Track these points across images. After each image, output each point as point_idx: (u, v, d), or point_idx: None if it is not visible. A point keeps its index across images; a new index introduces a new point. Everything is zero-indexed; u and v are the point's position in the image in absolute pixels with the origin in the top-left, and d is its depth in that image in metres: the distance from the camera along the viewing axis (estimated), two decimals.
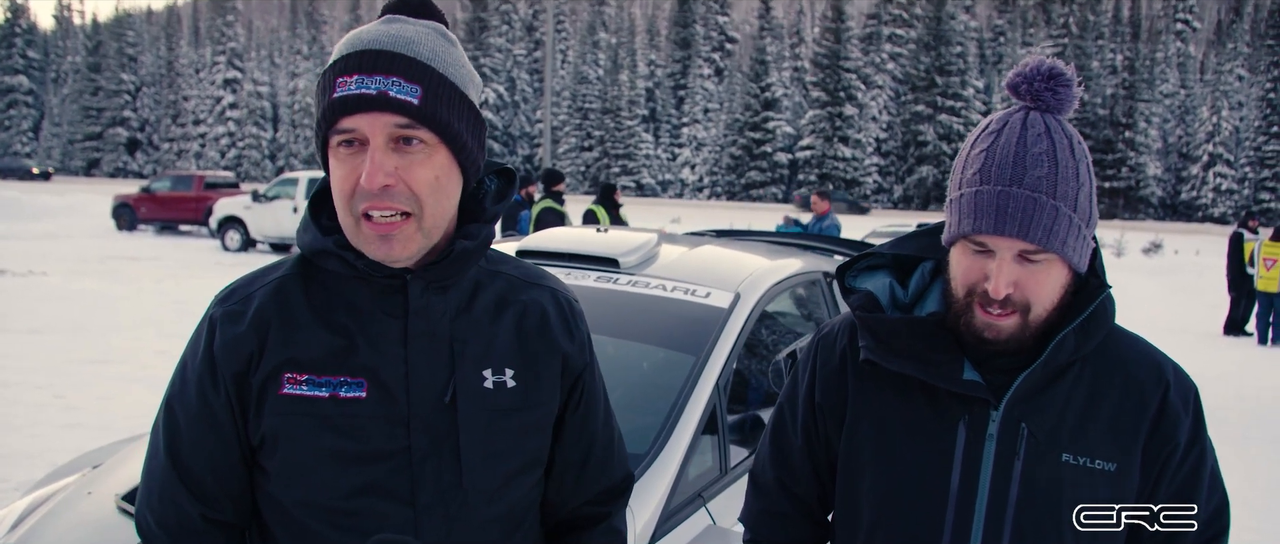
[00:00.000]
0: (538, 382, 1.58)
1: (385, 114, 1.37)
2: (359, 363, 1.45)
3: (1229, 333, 15.92)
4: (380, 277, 1.47)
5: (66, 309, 12.93)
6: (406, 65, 1.39)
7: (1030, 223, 1.43)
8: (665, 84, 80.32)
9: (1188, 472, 1.61)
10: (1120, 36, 73.81)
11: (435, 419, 1.47)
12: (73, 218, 31.19)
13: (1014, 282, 1.47)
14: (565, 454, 1.68)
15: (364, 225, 1.40)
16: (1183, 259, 30.39)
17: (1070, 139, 1.48)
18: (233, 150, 77.03)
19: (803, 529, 1.84)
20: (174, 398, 1.51)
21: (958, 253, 1.54)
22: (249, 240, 23.75)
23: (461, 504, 1.48)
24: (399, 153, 1.39)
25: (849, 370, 1.70)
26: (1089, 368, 1.60)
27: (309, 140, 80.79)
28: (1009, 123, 1.49)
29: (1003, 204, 1.43)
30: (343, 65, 1.39)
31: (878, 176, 69.52)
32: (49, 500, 2.98)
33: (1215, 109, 66.01)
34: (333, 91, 1.38)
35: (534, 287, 1.65)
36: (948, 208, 1.56)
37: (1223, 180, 65.30)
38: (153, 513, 1.49)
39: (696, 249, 3.97)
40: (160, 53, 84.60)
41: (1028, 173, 1.44)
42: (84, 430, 6.87)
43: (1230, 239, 16.74)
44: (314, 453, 1.43)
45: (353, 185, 1.39)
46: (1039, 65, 1.50)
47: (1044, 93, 1.49)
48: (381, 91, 1.37)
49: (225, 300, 1.51)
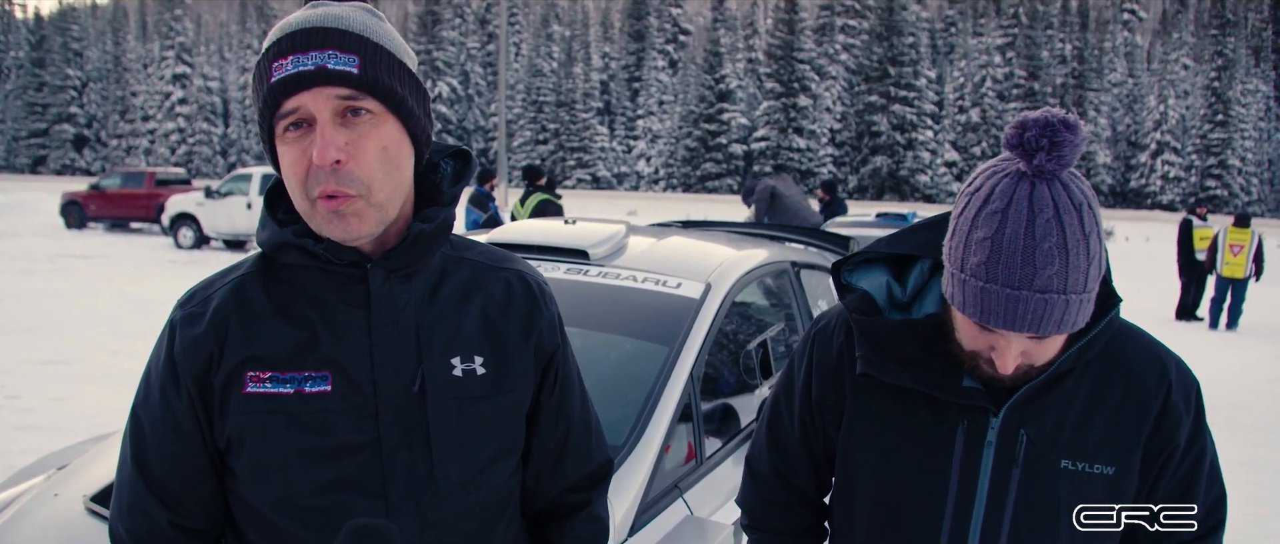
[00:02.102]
0: (508, 367, 1.56)
1: (326, 87, 1.35)
2: (323, 356, 1.43)
3: (1181, 318, 16.20)
4: (341, 264, 1.44)
5: (16, 309, 12.69)
6: (340, 37, 1.37)
7: (1041, 321, 1.37)
8: (619, 77, 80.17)
9: (1188, 469, 1.62)
10: (1069, 26, 74.58)
11: (404, 410, 1.45)
12: (19, 216, 30.63)
13: (1022, 352, 1.45)
14: (542, 440, 1.66)
15: (319, 205, 1.37)
16: (1134, 246, 30.85)
17: (1079, 210, 1.36)
18: (183, 146, 75.84)
19: (800, 516, 1.85)
20: (139, 406, 1.49)
21: (963, 318, 1.48)
22: (202, 237, 23.45)
23: (434, 495, 1.47)
24: (347, 126, 1.37)
25: (846, 370, 1.69)
26: (1090, 371, 1.59)
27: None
28: (1013, 203, 1.36)
29: (1012, 307, 1.37)
30: (275, 50, 1.37)
31: (833, 167, 69.78)
32: (14, 503, 2.93)
33: (1162, 98, 67.00)
34: (269, 77, 1.36)
35: (500, 270, 1.63)
36: (948, 275, 1.47)
37: (1170, 168, 66.34)
38: (123, 522, 1.48)
39: (665, 240, 3.97)
40: (107, 48, 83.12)
41: (1038, 274, 1.35)
42: (38, 431, 6.76)
43: (1180, 226, 17.04)
44: (281, 450, 1.41)
45: (305, 167, 1.37)
46: (1045, 119, 1.37)
47: (1044, 158, 1.36)
48: (319, 66, 1.35)
49: (185, 303, 1.50)
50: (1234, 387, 10.28)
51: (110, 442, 3.14)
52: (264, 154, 1.48)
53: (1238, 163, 65.51)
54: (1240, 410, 9.22)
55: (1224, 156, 65.33)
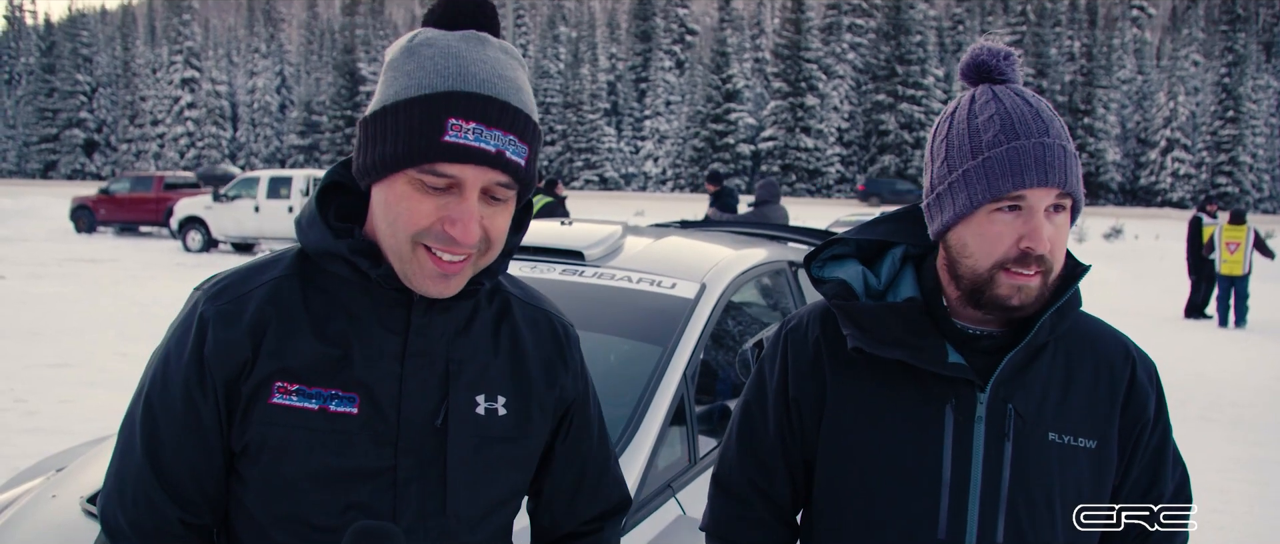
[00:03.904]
0: (529, 412, 1.54)
1: (494, 171, 1.32)
2: (353, 377, 1.40)
3: (1190, 316, 16.17)
4: (389, 288, 1.41)
5: (25, 313, 12.76)
6: (523, 123, 1.34)
7: (1066, 170, 1.47)
8: (627, 77, 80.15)
9: (1156, 446, 1.65)
10: (1078, 24, 74.32)
11: (424, 441, 1.43)
12: (30, 221, 30.77)
13: (1048, 236, 1.48)
14: (556, 480, 1.65)
15: (423, 257, 1.35)
16: (1143, 244, 30.73)
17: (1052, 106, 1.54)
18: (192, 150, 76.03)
19: (776, 531, 1.79)
20: (153, 396, 1.41)
21: (978, 224, 1.51)
22: (211, 240, 23.55)
23: (442, 530, 1.45)
24: (485, 203, 1.35)
25: (825, 361, 1.68)
26: (1062, 348, 1.62)
27: (269, 139, 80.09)
28: (998, 93, 1.52)
29: (1041, 155, 1.46)
30: (462, 108, 1.31)
31: (840, 166, 69.72)
32: (12, 505, 2.95)
33: (1172, 95, 66.66)
34: (443, 132, 1.30)
35: (532, 309, 1.62)
36: (952, 187, 1.54)
37: (1181, 165, 65.98)
38: (126, 514, 1.41)
39: (661, 240, 3.97)
40: (116, 53, 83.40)
41: (1050, 125, 1.48)
42: (44, 434, 6.79)
43: (1189, 224, 16.97)
44: (296, 466, 1.38)
45: (431, 223, 1.33)
46: (994, 47, 1.56)
47: (1007, 69, 1.55)
48: (500, 151, 1.32)
49: (216, 297, 1.42)
50: (1241, 385, 10.26)
51: (107, 444, 3.15)
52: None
53: (1249, 160, 65.10)
54: (1244, 408, 9.20)
55: (1235, 153, 64.93)
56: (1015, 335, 1.57)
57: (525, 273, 3.36)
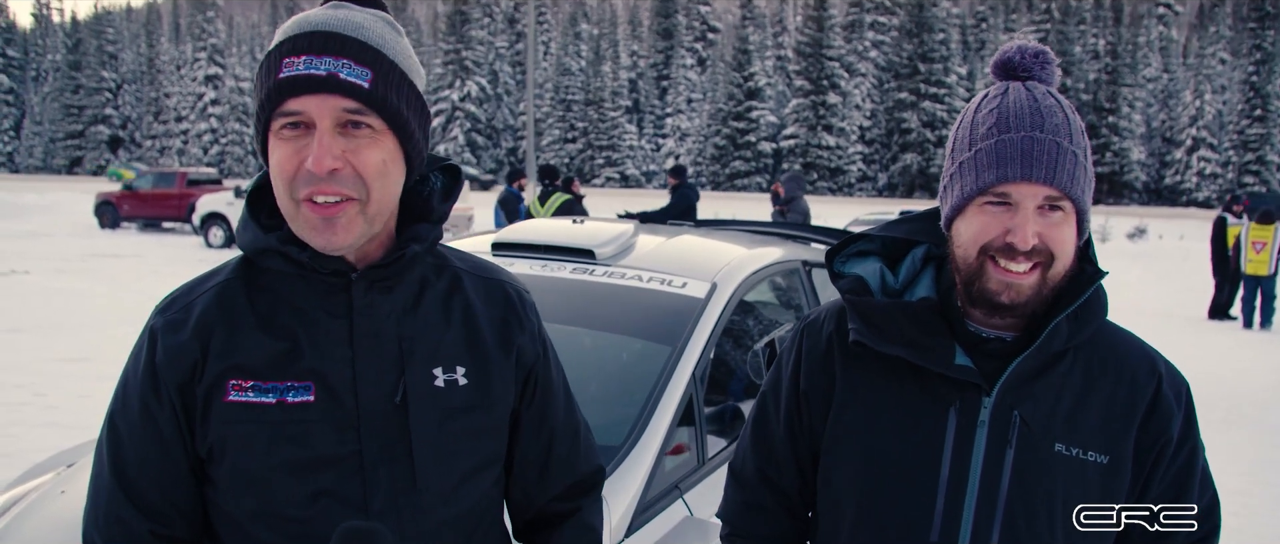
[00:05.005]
0: (490, 379, 1.54)
1: (334, 96, 1.33)
2: (305, 366, 1.41)
3: (1214, 317, 15.98)
4: (324, 272, 1.42)
5: (47, 308, 12.86)
6: (357, 48, 1.35)
7: (1056, 167, 1.44)
8: (648, 74, 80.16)
9: (1180, 468, 1.60)
10: (1103, 21, 73.78)
11: (386, 421, 1.44)
12: (54, 216, 31.01)
13: (1037, 232, 1.45)
14: (525, 450, 1.65)
15: (305, 209, 1.36)
16: (1167, 244, 30.53)
17: (1069, 106, 1.51)
18: (216, 147, 76.58)
19: (783, 522, 1.80)
20: (116, 413, 1.46)
21: (971, 216, 1.51)
22: (232, 236, 23.65)
23: (416, 508, 1.45)
24: (345, 136, 1.35)
25: (836, 356, 1.67)
26: (1082, 358, 1.58)
27: None
28: (1010, 88, 1.52)
29: (1028, 148, 1.44)
30: (290, 46, 1.34)
31: (862, 164, 69.51)
32: (23, 499, 2.96)
33: (1198, 93, 66.11)
34: (278, 72, 1.33)
35: (482, 279, 1.62)
36: (952, 178, 1.55)
37: (1206, 164, 65.40)
38: (100, 533, 1.45)
39: (674, 239, 3.95)
40: (141, 50, 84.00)
41: (1047, 120, 1.46)
42: (62, 429, 6.82)
43: (1214, 223, 16.78)
44: (262, 460, 1.40)
45: (295, 168, 1.34)
46: (1024, 45, 1.55)
47: (1035, 68, 1.53)
48: (331, 73, 1.33)
49: (165, 310, 1.47)
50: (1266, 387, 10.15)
51: None
52: (255, 147, 1.45)
53: (1276, 158, 64.47)
54: (1269, 411, 9.10)
55: (1262, 152, 64.26)
56: (1030, 341, 1.54)
57: (535, 271, 3.35)
